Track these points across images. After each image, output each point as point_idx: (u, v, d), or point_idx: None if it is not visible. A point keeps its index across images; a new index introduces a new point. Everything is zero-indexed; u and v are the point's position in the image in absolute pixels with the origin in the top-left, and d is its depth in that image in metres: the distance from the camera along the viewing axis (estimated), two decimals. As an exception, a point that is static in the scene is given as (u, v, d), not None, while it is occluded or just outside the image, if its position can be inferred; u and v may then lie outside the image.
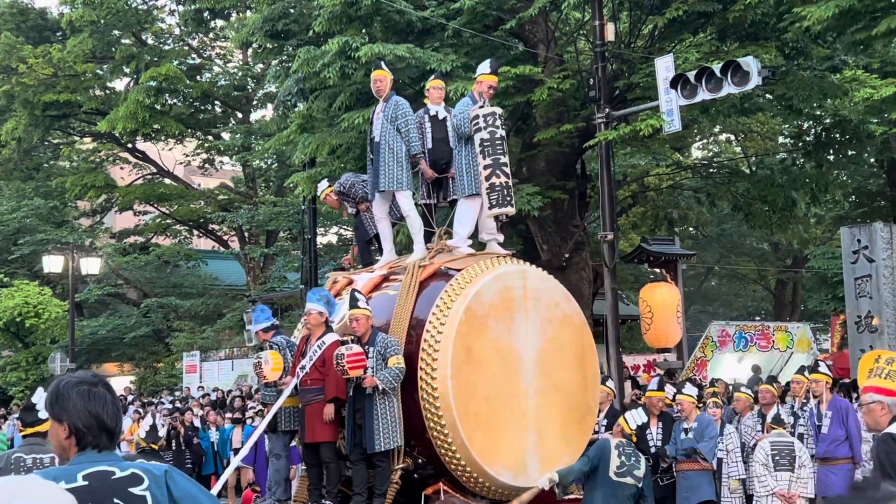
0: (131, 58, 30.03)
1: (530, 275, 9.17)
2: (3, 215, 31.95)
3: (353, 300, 8.89)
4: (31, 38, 31.21)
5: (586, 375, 9.34)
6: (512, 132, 19.16)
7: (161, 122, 29.72)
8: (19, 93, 29.49)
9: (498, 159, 9.03)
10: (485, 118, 9.08)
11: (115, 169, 34.82)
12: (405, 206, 9.62)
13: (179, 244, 35.15)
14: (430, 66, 15.52)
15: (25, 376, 28.57)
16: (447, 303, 8.63)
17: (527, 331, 8.95)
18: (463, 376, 8.44)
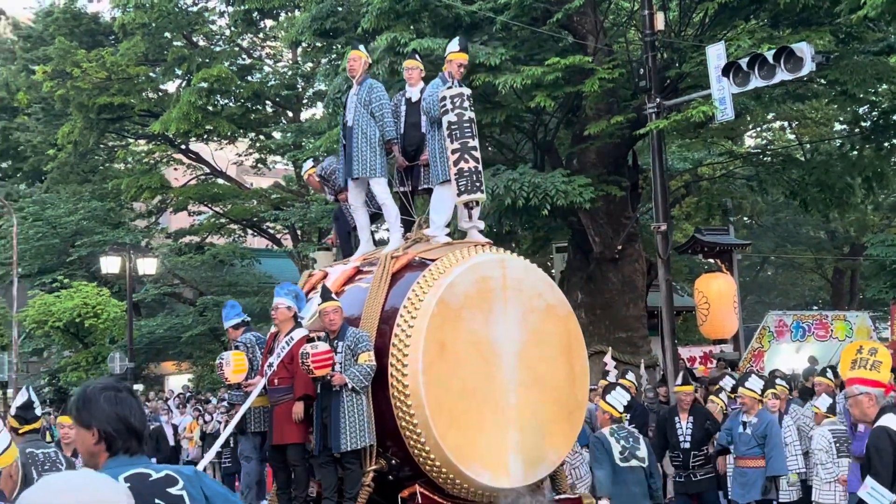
0: (183, 60, 30.36)
1: (510, 264, 8.64)
2: (61, 218, 32.48)
3: (326, 293, 8.51)
4: (84, 42, 31.67)
5: (574, 368, 8.79)
6: (562, 124, 19.08)
7: (213, 123, 29.98)
8: (74, 97, 29.94)
9: (466, 143, 8.49)
10: (452, 99, 8.53)
11: (169, 170, 35.24)
12: (380, 193, 9.15)
13: (233, 243, 35.47)
14: (478, 61, 15.50)
15: (86, 376, 29.01)
16: (419, 295, 8.14)
17: (507, 322, 8.41)
18: (435, 371, 7.96)
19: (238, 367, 8.97)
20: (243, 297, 33.04)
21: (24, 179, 38.16)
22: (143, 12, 28.24)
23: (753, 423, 10.19)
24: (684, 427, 10.65)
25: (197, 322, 32.57)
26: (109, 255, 28.34)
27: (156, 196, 33.62)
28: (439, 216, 9.03)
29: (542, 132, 19.13)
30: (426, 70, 16.28)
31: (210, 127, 30.36)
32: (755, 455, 10.20)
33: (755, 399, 10.31)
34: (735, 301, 19.32)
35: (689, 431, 10.62)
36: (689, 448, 10.60)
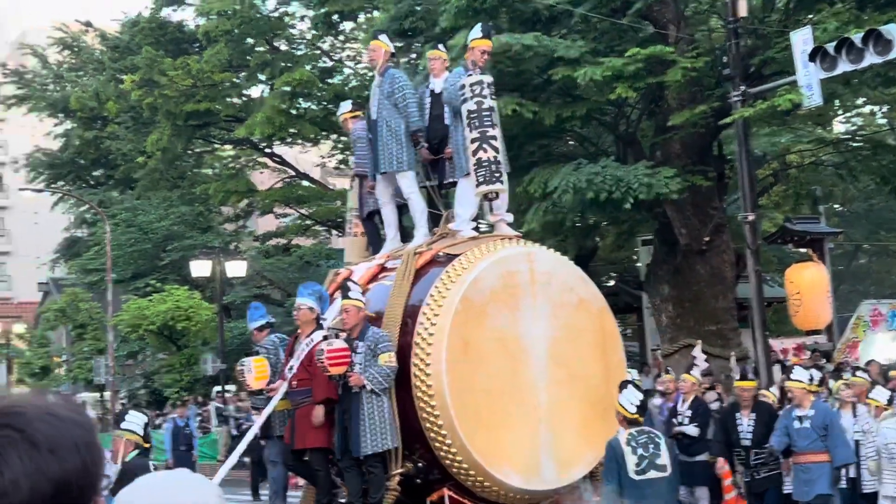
0: (265, 65, 30.79)
1: (538, 257, 8.34)
2: (153, 223, 33.22)
3: (345, 290, 8.24)
4: (170, 51, 32.32)
5: (609, 365, 8.38)
6: (644, 116, 18.86)
7: (296, 126, 30.34)
8: (162, 105, 30.59)
9: (485, 132, 8.19)
10: (471, 87, 8.24)
11: (255, 174, 35.79)
12: (406, 187, 8.89)
13: (319, 244, 35.85)
14: (557, 54, 15.41)
15: (180, 377, 29.67)
16: (442, 292, 7.85)
17: (535, 318, 8.09)
18: (460, 371, 7.67)
19: (260, 373, 8.74)
20: (330, 298, 33.43)
21: (116, 187, 39.14)
22: (226, 19, 28.72)
23: (810, 416, 9.68)
24: (746, 424, 10.30)
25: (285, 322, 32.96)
26: (199, 259, 28.90)
27: (242, 200, 34.17)
28: (464, 210, 8.72)
29: (625, 124, 18.93)
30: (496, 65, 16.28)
31: (294, 130, 30.75)
32: (817, 449, 9.66)
33: (804, 391, 9.84)
34: (828, 290, 18.87)
35: (750, 428, 10.27)
36: (751, 446, 10.23)
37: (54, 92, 39.45)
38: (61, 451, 1.37)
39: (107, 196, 37.95)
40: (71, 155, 39.78)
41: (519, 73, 16.79)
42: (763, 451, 10.19)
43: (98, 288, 35.15)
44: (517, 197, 17.47)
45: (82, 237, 40.86)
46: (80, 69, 40.29)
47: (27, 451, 1.35)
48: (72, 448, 1.38)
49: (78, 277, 37.46)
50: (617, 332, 8.70)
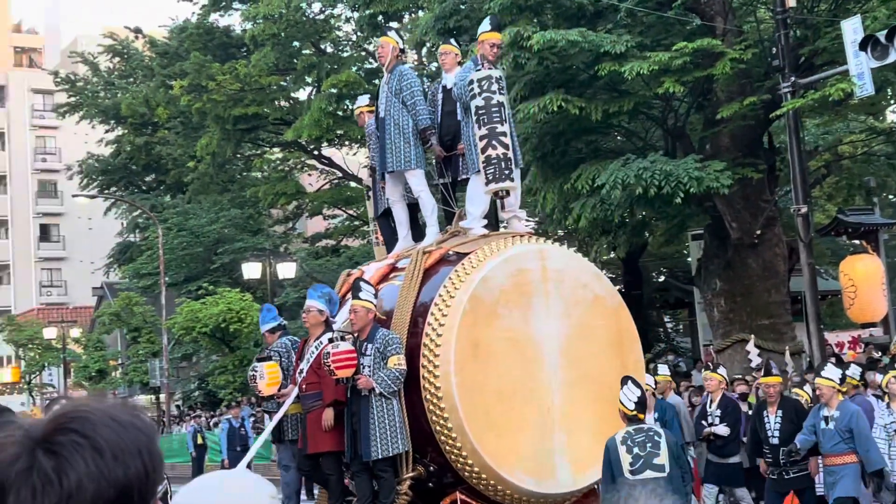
0: (312, 67, 30.98)
1: (550, 254, 8.09)
2: (204, 227, 33.59)
3: (356, 290, 8.00)
4: (217, 56, 32.64)
5: (626, 363, 8.06)
6: (693, 109, 18.71)
7: (344, 127, 30.49)
8: (210, 109, 30.90)
9: (494, 128, 7.89)
10: (479, 83, 7.95)
11: (303, 176, 36.05)
12: (415, 186, 8.64)
13: (368, 244, 35.98)
14: (603, 49, 15.34)
15: (233, 379, 29.96)
16: (450, 291, 7.63)
17: (548, 317, 7.85)
18: (469, 372, 7.45)
19: (272, 378, 8.57)
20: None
21: (168, 192, 39.63)
22: (273, 23, 28.94)
23: (836, 417, 9.39)
24: (773, 421, 10.02)
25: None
26: (250, 262, 29.18)
27: (291, 202, 34.43)
28: (475, 207, 8.49)
29: (673, 118, 18.79)
30: (550, 62, 16.24)
31: (341, 131, 30.90)
32: (840, 451, 9.42)
33: (833, 390, 9.48)
34: (883, 282, 18.57)
35: (777, 426, 9.99)
36: (779, 444, 9.91)
37: (105, 99, 40.03)
38: (124, 456, 1.39)
39: (158, 201, 38.45)
40: (123, 161, 40.36)
41: (565, 69, 16.74)
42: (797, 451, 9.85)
43: (152, 291, 35.62)
44: (565, 193, 17.43)
45: (135, 242, 41.43)
46: (130, 76, 40.84)
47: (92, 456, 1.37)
48: (134, 453, 1.41)
49: (132, 282, 37.98)
50: (634, 330, 8.34)
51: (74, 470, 1.36)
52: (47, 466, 1.36)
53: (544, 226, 25.72)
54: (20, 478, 1.36)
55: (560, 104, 15.67)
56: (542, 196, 18.11)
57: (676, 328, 32.52)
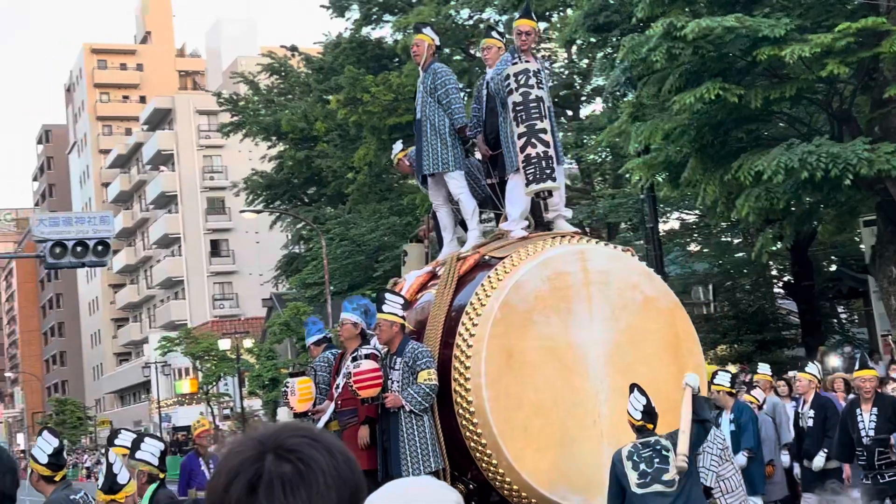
0: (463, 73, 31.21)
1: (592, 255, 7.50)
2: (364, 236, 34.31)
3: (380, 302, 7.58)
4: (371, 68, 33.33)
5: (684, 368, 7.41)
6: (859, 91, 17.95)
7: (496, 130, 30.61)
8: (366, 121, 31.57)
9: (533, 125, 7.38)
10: (516, 77, 7.44)
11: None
12: (455, 188, 8.22)
13: (525, 246, 36.02)
14: (761, 34, 14.91)
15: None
16: (482, 299, 7.18)
17: (592, 322, 7.32)
18: (503, 384, 7.00)
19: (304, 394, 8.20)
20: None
21: (329, 203, 40.67)
22: (423, 32, 29.31)
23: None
24: (867, 420, 9.21)
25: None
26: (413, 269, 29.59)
27: (448, 207, 34.73)
28: (515, 208, 7.98)
29: (838, 101, 18.07)
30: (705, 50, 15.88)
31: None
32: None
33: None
34: None
35: (871, 424, 9.17)
36: (872, 444, 9.13)
37: (266, 116, 41.43)
38: (350, 462, 1.47)
39: (320, 212, 39.50)
40: (285, 175, 41.66)
41: (721, 56, 16.34)
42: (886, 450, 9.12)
43: (318, 301, 36.59)
44: (727, 185, 17.00)
45: (300, 253, 42.68)
46: (289, 93, 42.15)
47: (327, 456, 1.45)
48: (354, 460, 1.47)
49: (299, 292, 39.13)
50: (693, 332, 7.70)
51: (319, 468, 1.43)
52: (290, 467, 1.42)
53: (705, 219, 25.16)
54: (271, 475, 1.42)
55: (718, 93, 15.31)
56: (703, 188, 17.71)
57: (851, 318, 31.24)
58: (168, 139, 67.95)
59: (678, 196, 23.41)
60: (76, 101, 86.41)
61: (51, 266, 20.26)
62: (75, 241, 19.05)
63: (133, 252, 74.96)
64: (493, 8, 30.31)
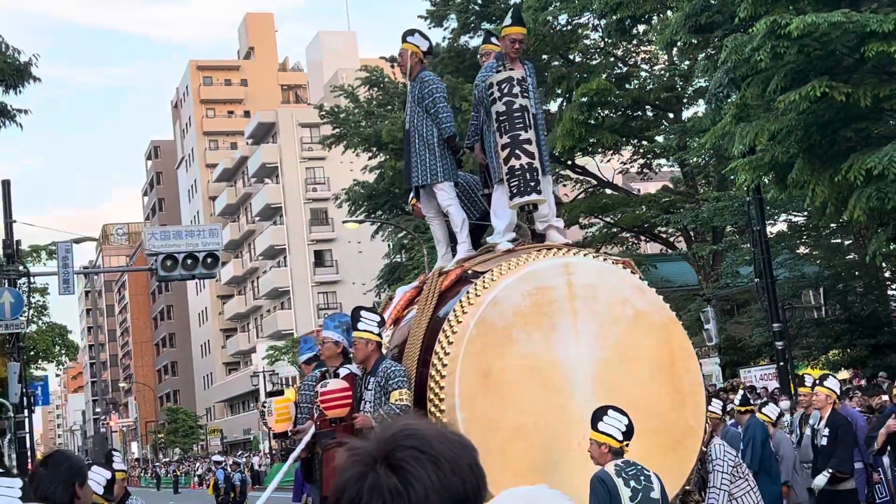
0: (562, 79, 31.14)
1: (578, 268, 7.07)
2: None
3: (354, 319, 7.33)
4: (469, 77, 33.43)
5: (680, 387, 7.03)
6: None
7: (596, 136, 30.42)
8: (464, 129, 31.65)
9: (517, 136, 7.02)
10: (499, 86, 7.10)
11: (558, 187, 36.23)
12: (443, 200, 7.86)
13: (627, 251, 35.69)
14: (869, 30, 14.50)
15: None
16: (458, 316, 6.84)
17: (577, 339, 6.93)
18: (478, 406, 6.67)
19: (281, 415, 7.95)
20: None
21: (429, 212, 40.87)
22: (521, 39, 29.32)
23: None
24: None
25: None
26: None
27: (549, 213, 34.64)
28: (500, 220, 7.67)
29: (952, 96, 17.45)
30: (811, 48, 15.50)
31: (593, 140, 30.85)
32: None
33: None
34: None
35: None
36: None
37: (367, 128, 41.88)
38: (460, 470, 1.47)
39: (421, 221, 39.72)
40: (386, 185, 42.02)
41: (828, 54, 15.94)
42: None
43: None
44: (836, 185, 16.55)
45: (402, 262, 43.01)
46: (388, 104, 42.54)
47: (433, 470, 1.45)
48: (466, 468, 1.48)
49: (401, 300, 39.32)
50: (689, 348, 7.29)
51: (420, 482, 1.44)
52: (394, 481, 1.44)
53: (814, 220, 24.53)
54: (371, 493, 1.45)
55: (824, 91, 14.93)
56: (811, 189, 17.27)
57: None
58: (272, 152, 69.31)
59: (786, 198, 22.89)
60: (183, 117, 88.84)
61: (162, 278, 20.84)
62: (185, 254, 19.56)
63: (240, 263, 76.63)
64: (591, 12, 30.12)
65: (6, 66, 19.62)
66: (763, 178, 19.24)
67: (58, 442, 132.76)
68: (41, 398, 36.69)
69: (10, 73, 19.71)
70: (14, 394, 22.63)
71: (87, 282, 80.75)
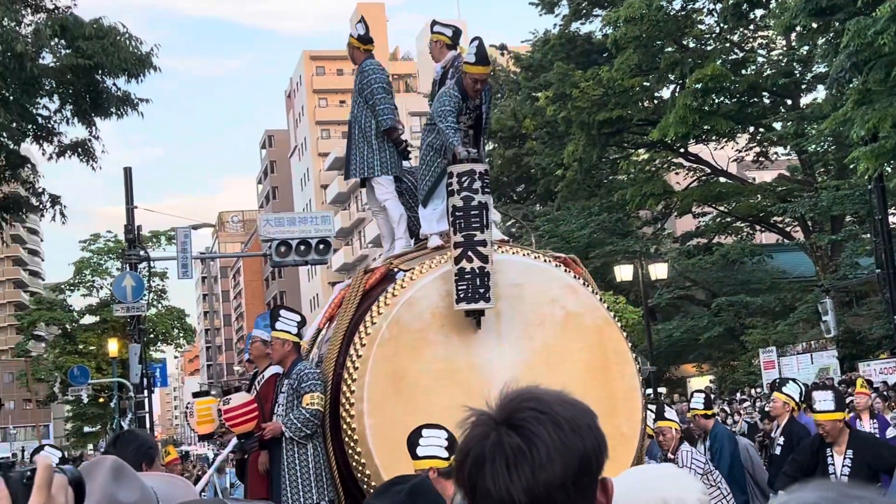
0: (675, 64, 30.64)
1: (504, 266, 6.72)
2: (574, 232, 34.20)
3: (274, 319, 7.10)
4: (579, 63, 33.20)
5: (614, 392, 6.69)
6: None
7: (710, 122, 29.89)
8: (575, 117, 31.45)
9: (472, 236, 6.53)
10: (459, 179, 6.57)
11: (670, 175, 35.70)
12: (380, 194, 7.63)
13: (742, 241, 34.97)
14: None
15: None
16: (373, 317, 6.55)
17: (500, 341, 6.64)
18: (388, 411, 6.37)
19: (203, 417, 7.64)
20: (757, 295, 32.50)
21: (538, 201, 40.80)
22: (634, 25, 28.97)
23: None
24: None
25: (713, 323, 32.53)
26: (622, 264, 29.34)
27: (659, 202, 34.21)
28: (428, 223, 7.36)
29: None
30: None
31: (707, 127, 30.32)
32: None
33: None
34: None
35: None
36: None
37: (476, 116, 41.94)
38: (580, 430, 1.49)
39: (530, 210, 39.67)
40: (494, 174, 41.97)
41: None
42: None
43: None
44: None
45: (510, 250, 42.97)
46: (498, 92, 42.53)
47: (553, 430, 1.48)
48: (587, 428, 1.50)
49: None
50: (626, 351, 6.93)
51: (542, 441, 1.47)
52: (516, 440, 1.48)
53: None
54: (494, 452, 1.48)
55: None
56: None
57: None
58: (382, 141, 69.92)
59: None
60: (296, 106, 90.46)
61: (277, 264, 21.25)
62: (299, 240, 19.91)
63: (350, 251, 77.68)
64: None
65: (129, 55, 20.24)
66: (885, 165, 18.61)
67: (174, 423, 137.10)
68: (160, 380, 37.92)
69: (132, 62, 20.33)
70: (135, 375, 23.45)
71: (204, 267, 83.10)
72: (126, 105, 21.63)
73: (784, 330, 29.97)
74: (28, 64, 18.97)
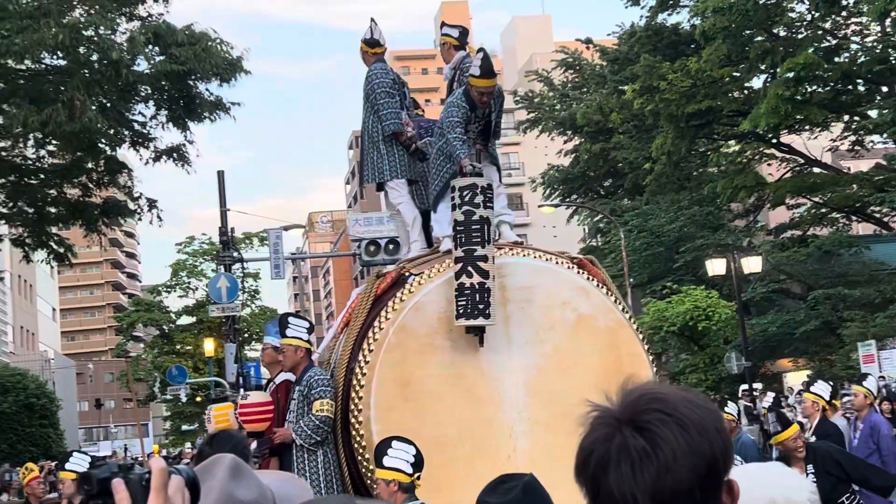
0: (766, 54, 30.06)
1: (513, 269, 6.64)
2: (663, 227, 33.81)
3: (283, 326, 7.12)
4: (666, 55, 32.78)
5: None
6: None
7: (803, 112, 29.26)
8: (663, 109, 31.07)
9: (472, 251, 6.44)
10: (461, 193, 6.53)
11: (762, 166, 35.04)
12: (393, 198, 7.62)
13: (838, 232, 34.15)
14: None
15: (704, 377, 29.82)
16: (381, 322, 6.50)
17: (509, 346, 6.55)
18: (395, 417, 6.31)
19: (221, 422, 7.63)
20: (855, 287, 31.71)
21: (626, 195, 40.44)
22: (723, 15, 28.51)
23: None
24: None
25: (809, 316, 31.82)
26: (713, 258, 28.88)
27: (752, 194, 33.62)
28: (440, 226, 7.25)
29: None
30: None
31: (800, 116, 29.73)
32: None
33: None
34: None
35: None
36: None
37: (561, 111, 41.75)
38: (707, 433, 1.47)
39: (617, 204, 39.35)
40: (581, 169, 41.81)
41: None
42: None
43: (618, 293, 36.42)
44: None
45: (598, 246, 42.71)
46: (583, 86, 42.27)
47: (679, 432, 1.46)
48: (714, 431, 1.48)
49: (598, 284, 39.04)
50: (641, 354, 6.78)
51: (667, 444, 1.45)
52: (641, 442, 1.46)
53: None
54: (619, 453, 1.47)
55: None
56: None
57: None
58: (467, 139, 70.06)
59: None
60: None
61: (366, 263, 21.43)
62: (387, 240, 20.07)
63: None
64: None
65: (220, 60, 20.65)
66: None
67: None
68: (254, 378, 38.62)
69: (223, 67, 20.74)
70: (231, 373, 23.93)
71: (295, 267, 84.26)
72: (218, 109, 22.07)
73: (883, 323, 29.14)
74: (124, 71, 19.49)
